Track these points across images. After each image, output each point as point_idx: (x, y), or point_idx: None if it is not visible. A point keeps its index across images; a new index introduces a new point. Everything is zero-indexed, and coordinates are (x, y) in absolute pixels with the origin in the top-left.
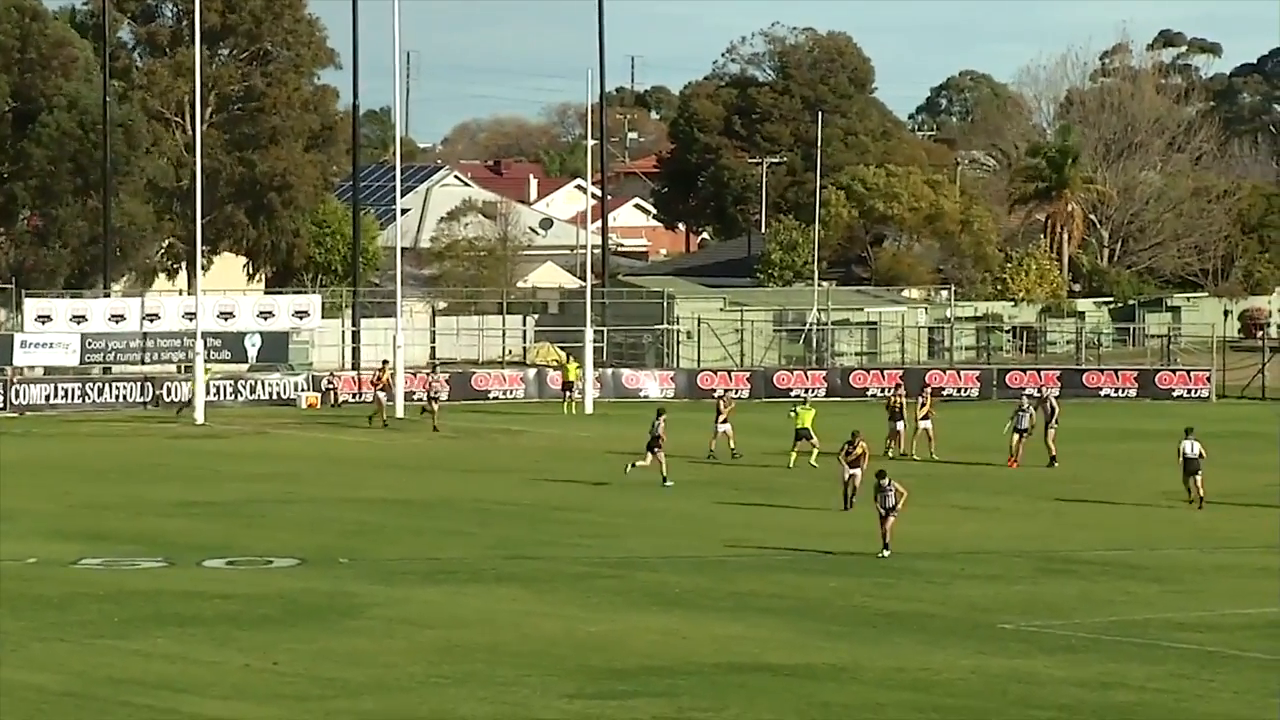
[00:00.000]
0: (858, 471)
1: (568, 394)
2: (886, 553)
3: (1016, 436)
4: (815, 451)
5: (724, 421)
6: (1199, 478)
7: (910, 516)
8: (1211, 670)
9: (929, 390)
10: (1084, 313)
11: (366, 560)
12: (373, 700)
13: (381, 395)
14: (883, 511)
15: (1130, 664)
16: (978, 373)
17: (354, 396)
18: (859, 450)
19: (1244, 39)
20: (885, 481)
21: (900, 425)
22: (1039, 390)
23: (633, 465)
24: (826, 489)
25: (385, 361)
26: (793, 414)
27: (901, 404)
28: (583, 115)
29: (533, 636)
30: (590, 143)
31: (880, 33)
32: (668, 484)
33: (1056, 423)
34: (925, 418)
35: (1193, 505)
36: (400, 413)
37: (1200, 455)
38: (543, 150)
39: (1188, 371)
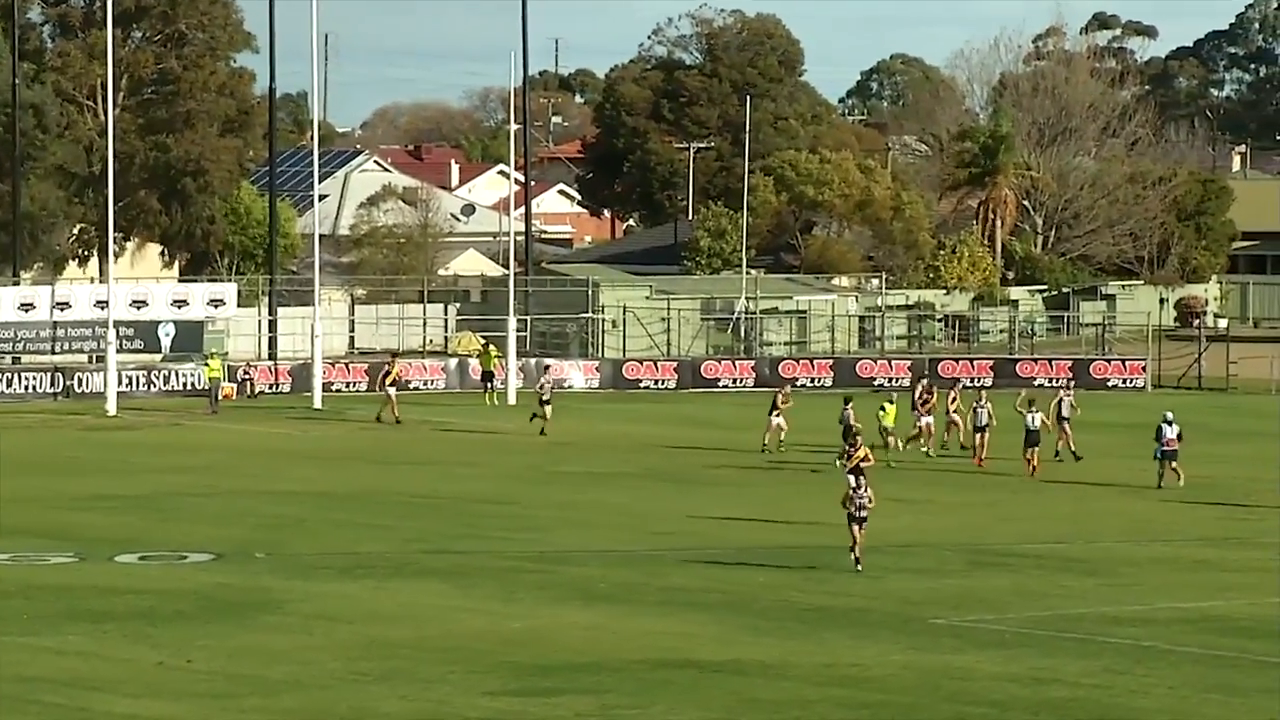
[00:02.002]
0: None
1: (488, 384)
2: (860, 566)
3: (978, 435)
4: (891, 451)
5: (778, 414)
6: (1037, 450)
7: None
8: (1147, 665)
9: (927, 383)
10: (1017, 301)
11: (284, 554)
12: (290, 698)
13: (391, 390)
14: (855, 513)
15: (1064, 659)
16: (909, 362)
17: (271, 387)
18: (860, 454)
19: (1180, 22)
20: (861, 486)
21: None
22: (1066, 384)
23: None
24: (756, 481)
25: (394, 355)
26: (882, 411)
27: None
28: (505, 99)
29: (455, 632)
30: (513, 127)
31: (810, 15)
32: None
33: (1067, 418)
34: (929, 413)
35: (1029, 476)
36: (318, 403)
37: (1041, 427)
38: (464, 135)
39: (1123, 361)
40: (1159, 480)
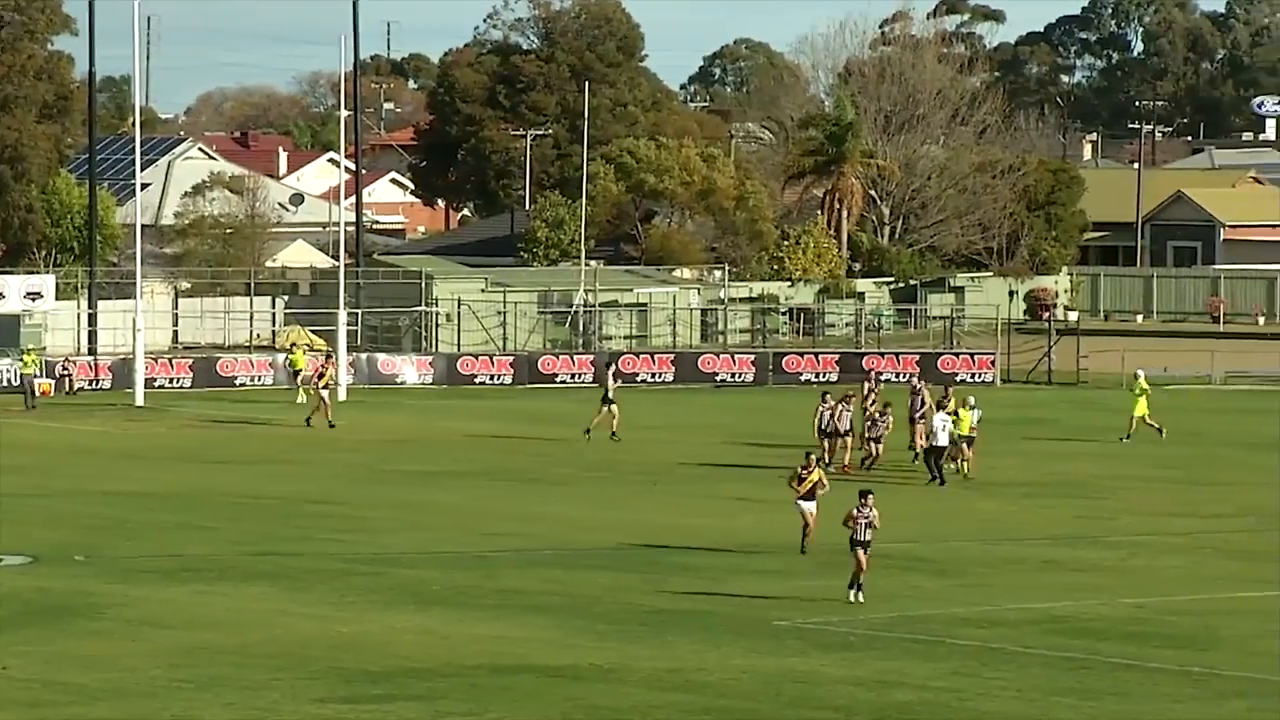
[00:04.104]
0: (812, 505)
1: (299, 383)
2: (861, 597)
3: (828, 441)
4: (967, 464)
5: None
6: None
7: (686, 509)
8: (995, 668)
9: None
10: (864, 293)
11: (105, 557)
12: (110, 706)
13: (324, 393)
14: (858, 536)
15: (911, 661)
16: (753, 357)
17: (90, 383)
18: (813, 478)
19: (1030, 6)
20: (866, 508)
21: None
22: (915, 380)
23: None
24: (596, 480)
25: (329, 355)
26: (955, 417)
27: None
28: (335, 84)
29: (283, 638)
30: (344, 114)
31: None
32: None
33: (923, 417)
34: (923, 419)
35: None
36: (140, 400)
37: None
38: (293, 122)
39: (971, 355)
40: (957, 466)
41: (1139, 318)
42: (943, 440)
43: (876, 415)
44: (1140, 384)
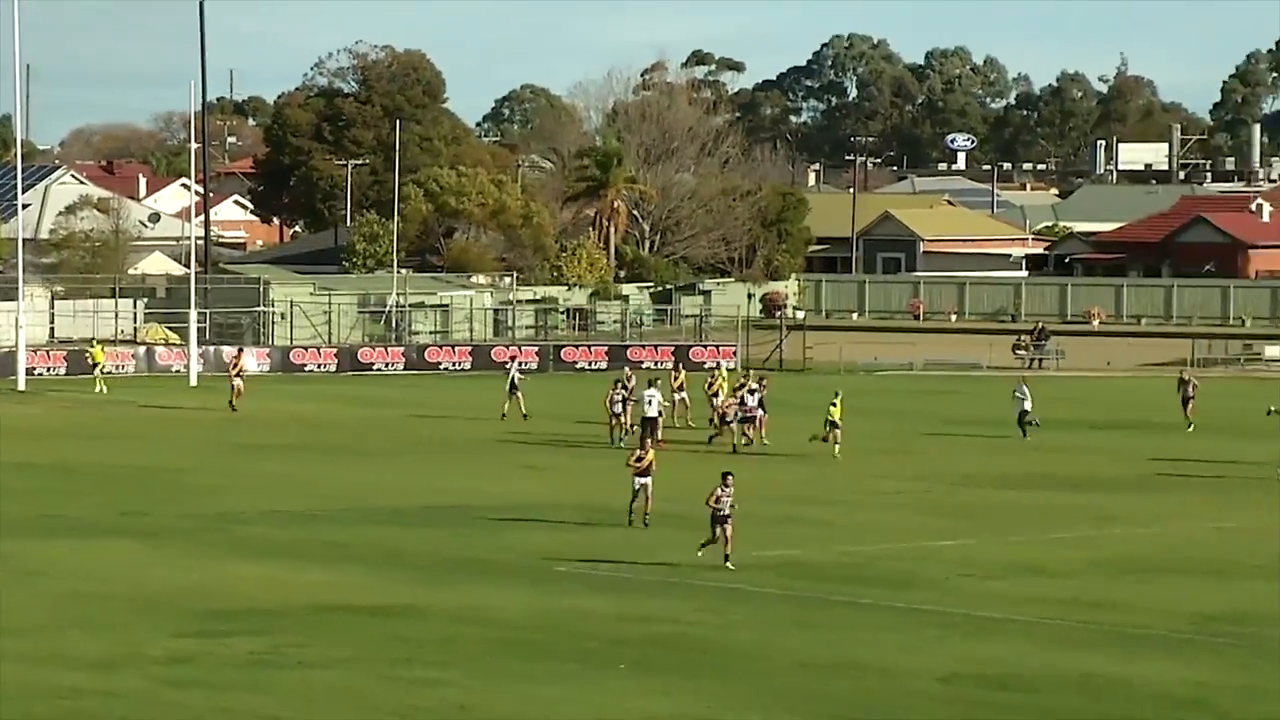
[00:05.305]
0: (648, 481)
1: (97, 374)
2: (730, 565)
3: (614, 420)
4: (837, 445)
5: (682, 393)
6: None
7: (483, 475)
8: (736, 605)
9: (681, 366)
10: (628, 296)
11: None
12: None
13: (238, 381)
14: (718, 511)
15: (667, 601)
16: (537, 349)
17: None
18: (649, 458)
19: (765, 58)
20: (727, 487)
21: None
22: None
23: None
24: (408, 451)
25: (241, 350)
26: (832, 406)
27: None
28: (187, 122)
29: (144, 585)
30: (193, 146)
31: (451, 50)
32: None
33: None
34: (680, 389)
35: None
36: (22, 386)
37: (660, 412)
38: (151, 153)
39: (717, 347)
40: (735, 440)
41: (854, 316)
42: (651, 412)
43: (746, 395)
44: (722, 372)
